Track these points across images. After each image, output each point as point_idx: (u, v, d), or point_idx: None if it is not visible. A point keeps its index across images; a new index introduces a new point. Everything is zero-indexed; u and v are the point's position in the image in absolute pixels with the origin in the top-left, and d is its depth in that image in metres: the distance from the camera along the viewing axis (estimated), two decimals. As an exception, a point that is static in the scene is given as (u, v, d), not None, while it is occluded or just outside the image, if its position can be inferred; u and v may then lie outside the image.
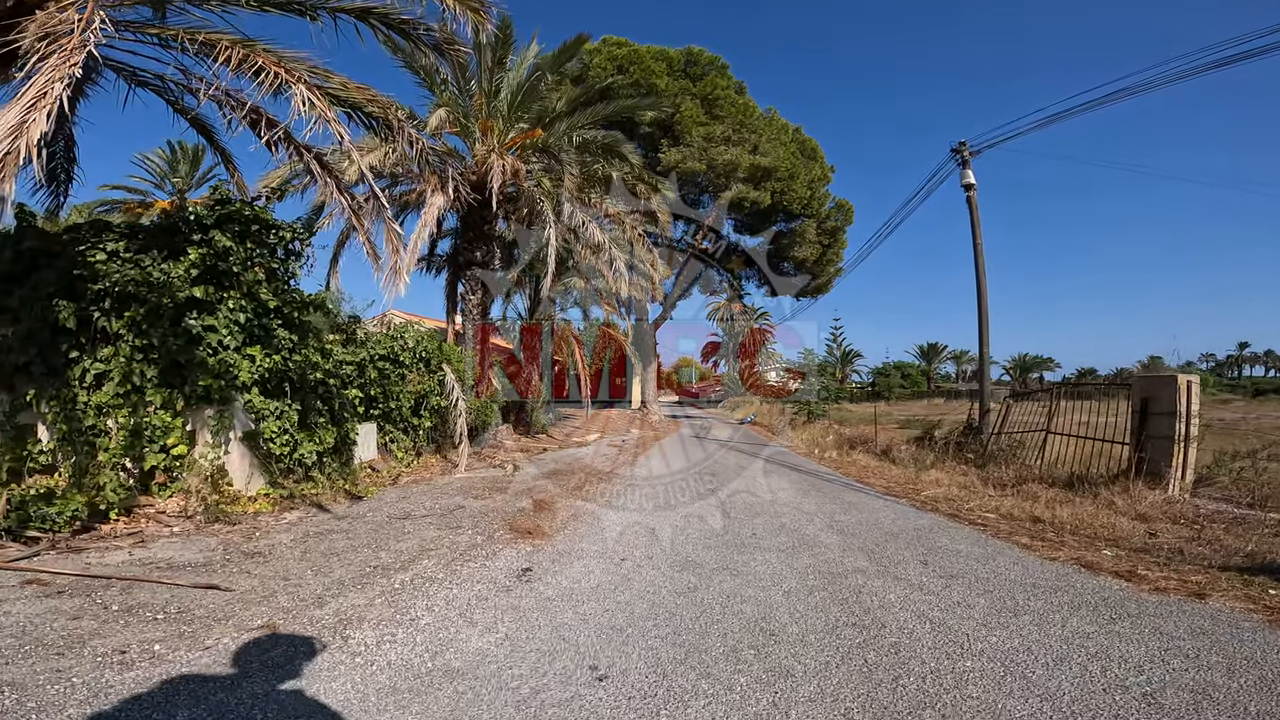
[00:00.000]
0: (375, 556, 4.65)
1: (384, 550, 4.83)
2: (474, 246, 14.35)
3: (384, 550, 4.83)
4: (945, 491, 8.57)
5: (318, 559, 4.56)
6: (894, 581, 4.38)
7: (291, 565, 4.37)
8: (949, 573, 4.63)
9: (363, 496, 7.21)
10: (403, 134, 7.47)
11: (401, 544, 5.02)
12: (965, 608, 3.86)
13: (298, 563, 4.44)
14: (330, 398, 7.88)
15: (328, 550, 4.80)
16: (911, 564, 4.86)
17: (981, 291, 13.78)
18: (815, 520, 6.44)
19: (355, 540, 5.12)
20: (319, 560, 4.52)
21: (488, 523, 5.80)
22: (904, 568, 4.75)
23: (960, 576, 4.54)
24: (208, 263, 6.82)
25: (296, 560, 4.50)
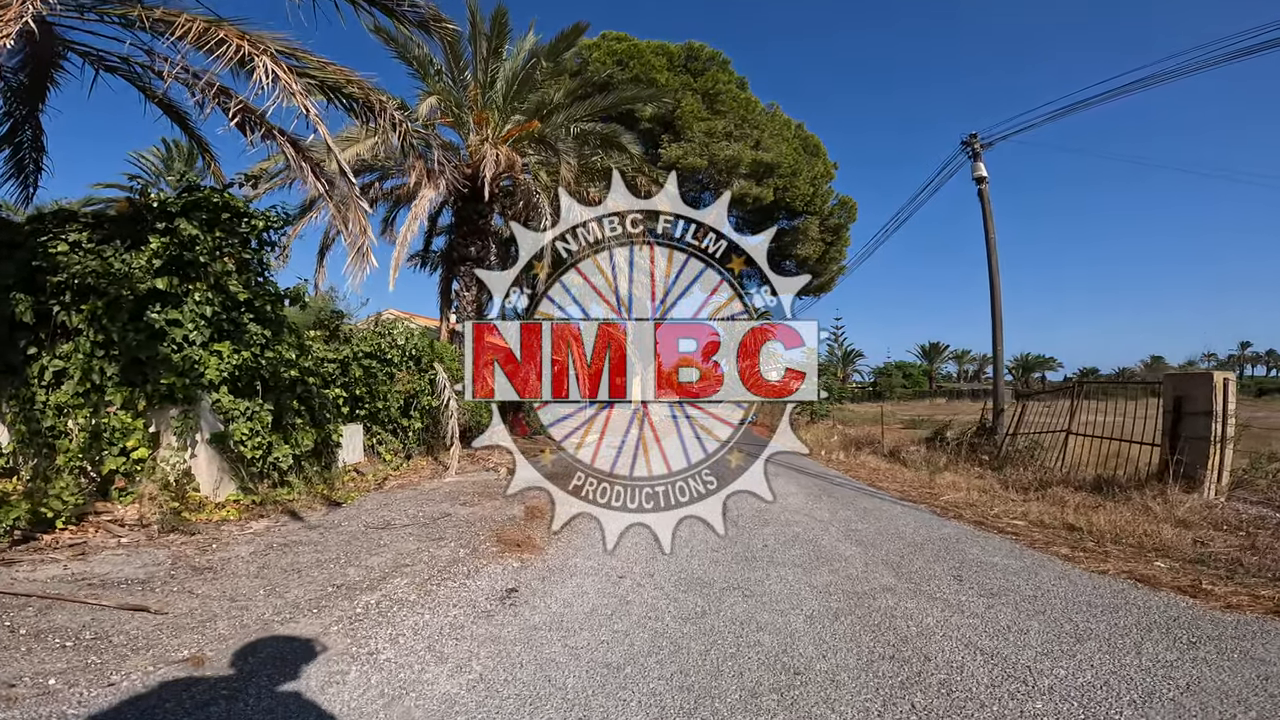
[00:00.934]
0: (342, 573, 4.13)
1: (354, 566, 4.31)
2: (468, 242, 13.85)
3: (354, 566, 4.31)
4: (965, 496, 8.04)
5: (275, 576, 4.04)
6: (929, 602, 3.85)
7: (243, 583, 3.85)
8: (989, 590, 4.11)
9: (342, 503, 6.69)
10: (384, 115, 6.97)
11: (374, 558, 4.49)
12: (1018, 633, 3.34)
13: (251, 580, 3.92)
14: (309, 397, 7.37)
15: (290, 565, 4.28)
16: (945, 580, 4.33)
17: (995, 287, 13.26)
18: (830, 529, 5.92)
19: (323, 553, 4.60)
20: (277, 577, 4.00)
21: (473, 533, 5.27)
22: (937, 584, 4.22)
23: (1003, 594, 4.01)
24: (171, 253, 6.32)
25: (250, 577, 3.98)
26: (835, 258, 28.96)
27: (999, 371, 13.16)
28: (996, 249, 13.48)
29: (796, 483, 9.29)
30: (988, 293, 13.34)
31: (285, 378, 6.62)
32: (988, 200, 13.76)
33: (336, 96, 7.07)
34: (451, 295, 15.04)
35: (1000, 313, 13.20)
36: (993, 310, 13.21)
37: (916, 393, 61.44)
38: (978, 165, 14.06)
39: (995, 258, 13.41)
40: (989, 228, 13.58)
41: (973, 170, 14.13)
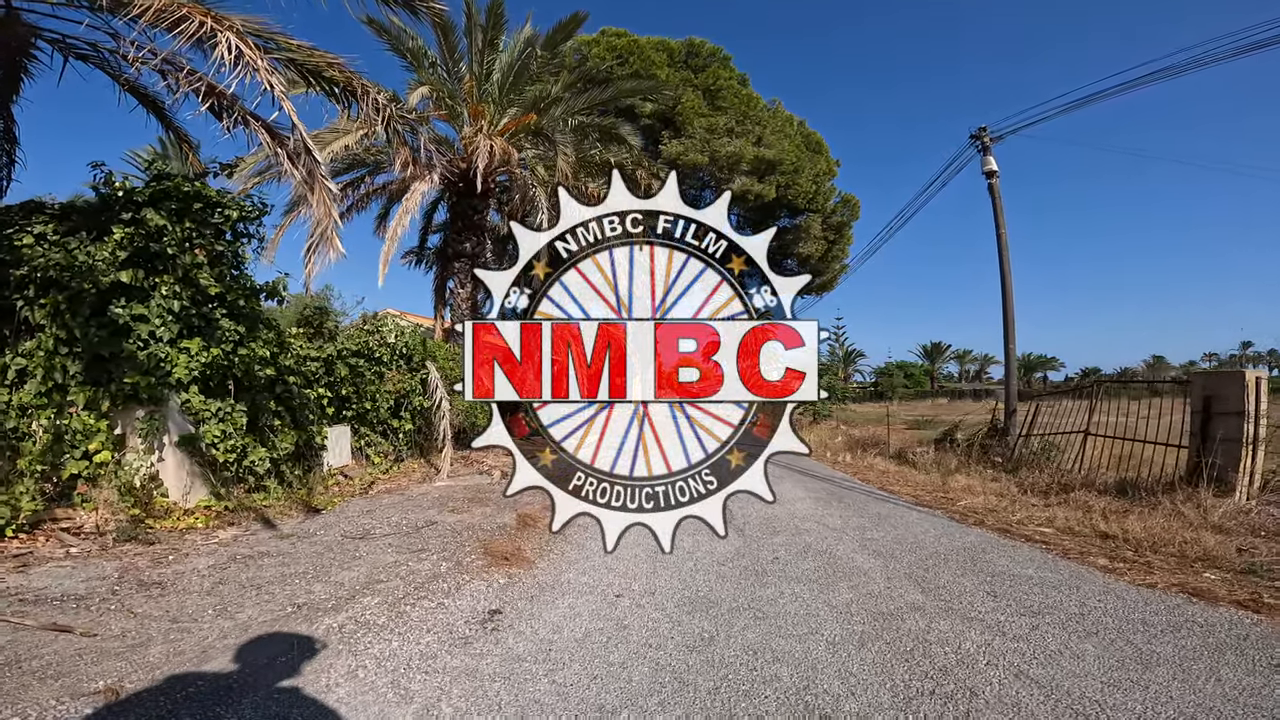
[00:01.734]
0: (307, 590, 3.71)
1: (322, 581, 3.89)
2: (463, 237, 13.44)
3: (322, 581, 3.89)
4: (983, 501, 7.61)
5: (231, 592, 3.62)
6: (964, 622, 3.43)
7: (192, 601, 3.43)
8: (1029, 607, 3.68)
9: (321, 509, 6.27)
10: (367, 99, 6.56)
11: (346, 573, 4.07)
12: (1073, 658, 2.92)
13: (202, 597, 3.50)
14: (290, 398, 6.95)
15: (250, 580, 3.86)
16: (977, 596, 3.91)
17: (1006, 285, 12.84)
18: (845, 538, 5.49)
19: (290, 567, 4.18)
20: (232, 594, 3.58)
21: (459, 544, 4.85)
22: (969, 601, 3.80)
23: (1046, 612, 3.59)
24: (138, 245, 5.91)
25: (202, 594, 3.57)
26: (837, 256, 28.55)
27: (1011, 371, 12.74)
28: (1008, 245, 13.06)
29: (804, 486, 8.86)
30: (995, 290, 12.94)
31: (261, 377, 6.20)
32: (998, 195, 13.34)
33: (317, 80, 6.66)
34: (446, 293, 14.64)
35: (1012, 311, 12.79)
36: (1004, 308, 12.79)
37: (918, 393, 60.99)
38: (987, 159, 13.66)
39: (1006, 254, 13.00)
40: (1000, 223, 13.17)
41: (982, 164, 13.73)
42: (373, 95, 6.64)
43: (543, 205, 11.57)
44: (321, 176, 5.10)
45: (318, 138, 11.03)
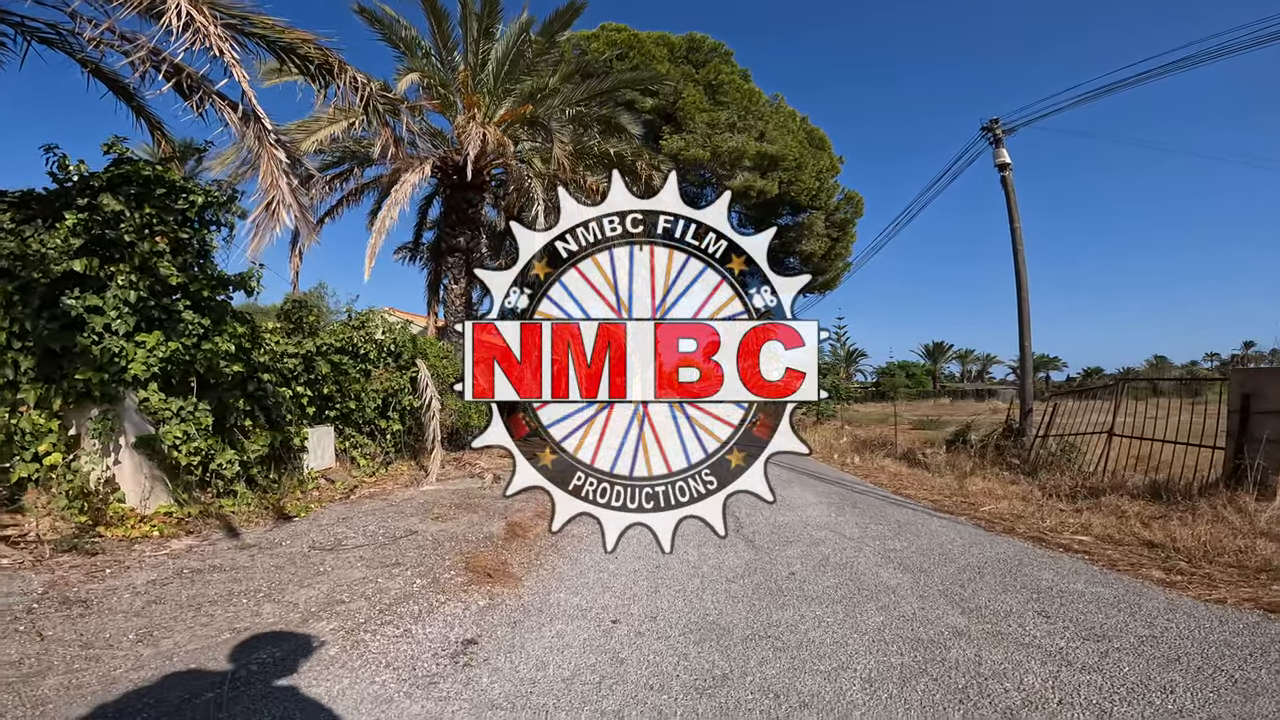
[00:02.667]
0: (254, 612, 3.22)
1: (273, 601, 3.40)
2: (457, 232, 12.97)
3: (273, 601, 3.40)
4: (1008, 506, 7.11)
5: (164, 613, 3.13)
6: (1020, 650, 2.93)
7: (116, 622, 2.95)
8: (1091, 629, 3.19)
9: (294, 516, 5.78)
10: (344, 76, 6.10)
11: (305, 591, 3.58)
12: (1162, 692, 2.44)
13: (130, 618, 3.02)
14: (263, 396, 6.46)
15: (191, 598, 3.37)
16: (1027, 617, 3.41)
17: (1021, 280, 12.35)
18: (865, 549, 4.99)
19: (243, 582, 3.69)
20: (165, 615, 3.10)
21: (438, 558, 4.35)
22: (1020, 624, 3.30)
23: (1112, 636, 3.10)
24: (94, 231, 5.43)
25: (131, 614, 3.09)
26: (840, 254, 28.08)
27: (1027, 370, 12.23)
28: (1023, 240, 12.57)
29: (814, 490, 8.36)
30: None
31: (227, 373, 5.71)
32: (1012, 188, 12.85)
33: (290, 58, 6.20)
34: (440, 289, 14.18)
35: (1027, 308, 12.29)
36: (1019, 305, 12.30)
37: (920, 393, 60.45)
38: (1000, 151, 13.17)
39: (1021, 249, 12.51)
40: (1014, 217, 12.67)
41: (994, 156, 13.23)
42: (350, 73, 6.18)
43: (538, 196, 11.10)
44: (271, 144, 4.61)
45: (302, 126, 10.58)
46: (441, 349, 11.88)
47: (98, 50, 6.52)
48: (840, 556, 4.72)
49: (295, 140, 10.29)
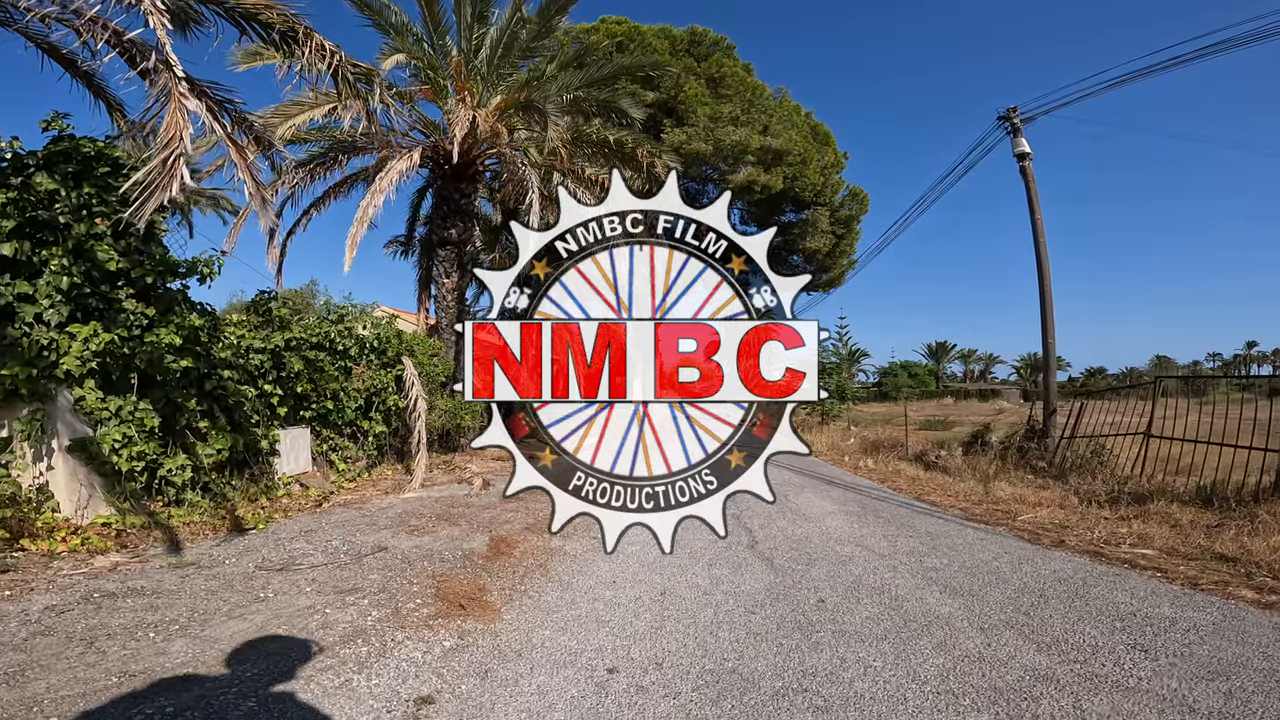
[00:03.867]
0: (159, 650, 2.58)
1: (188, 636, 2.76)
2: (448, 223, 12.33)
3: (188, 636, 2.76)
4: (1048, 515, 6.46)
5: (48, 649, 2.50)
6: (1128, 697, 2.30)
7: (-23, 683, 2.30)
8: (1203, 665, 2.57)
9: (252, 528, 5.14)
10: (310, 44, 5.48)
11: (233, 624, 2.94)
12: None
13: (3, 655, 2.38)
14: (223, 395, 5.82)
15: (88, 630, 2.74)
16: (1121, 652, 2.78)
17: (1044, 273, 11.71)
18: (900, 568, 4.34)
19: (161, 611, 3.05)
20: (48, 652, 2.47)
21: (405, 582, 3.71)
22: (1114, 661, 2.67)
23: (1230, 673, 2.50)
24: (26, 212, 4.81)
25: (9, 649, 2.50)
26: (845, 251, 27.44)
27: (1050, 367, 11.58)
28: (1044, 232, 11.92)
29: (829, 497, 7.72)
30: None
31: (174, 369, 5.07)
32: (1032, 178, 12.20)
33: (250, 25, 5.60)
34: (431, 284, 13.55)
35: (1051, 302, 11.64)
36: (1041, 299, 11.65)
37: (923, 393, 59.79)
38: (1019, 141, 12.53)
39: (1043, 241, 11.86)
40: (1034, 208, 12.03)
41: (1013, 146, 12.59)
42: (316, 40, 5.56)
43: (533, 184, 10.45)
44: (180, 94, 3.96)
45: (278, 111, 9.94)
46: (431, 346, 11.25)
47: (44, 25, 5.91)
48: (874, 578, 4.07)
49: (271, 125, 9.68)
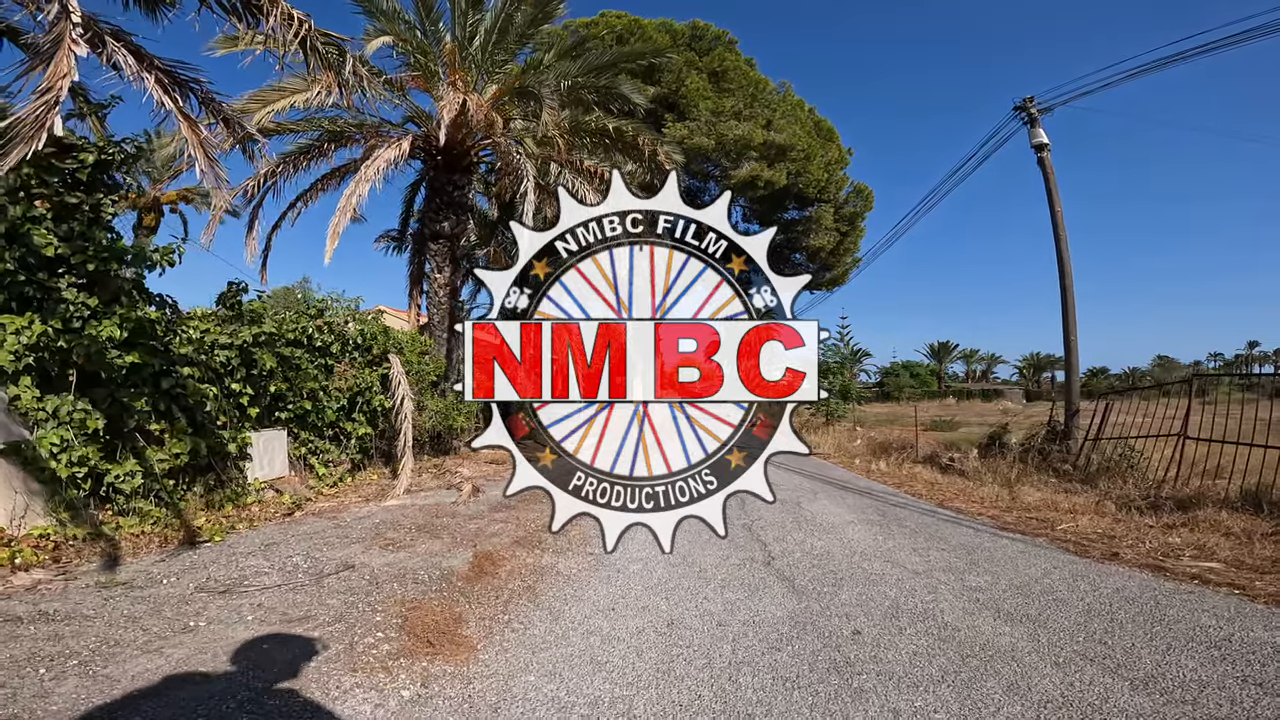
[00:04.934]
0: (40, 693, 2.06)
1: (84, 675, 2.23)
2: (440, 216, 11.81)
3: (84, 675, 2.23)
4: (1089, 524, 5.92)
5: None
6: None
7: None
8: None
9: (206, 540, 4.60)
10: (276, 11, 4.97)
11: (144, 660, 2.40)
12: None
13: None
14: (182, 395, 5.29)
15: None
16: (1235, 689, 2.26)
17: (1065, 267, 11.16)
18: (941, 588, 3.80)
19: (64, 641, 2.52)
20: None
21: (368, 608, 3.17)
22: (1229, 700, 2.15)
23: None
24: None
25: None
26: (849, 249, 26.91)
27: (1073, 365, 11.02)
28: (1064, 225, 11.38)
29: (846, 504, 7.17)
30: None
31: (118, 365, 4.53)
32: (1051, 170, 11.66)
33: (213, 0, 5.10)
34: (423, 279, 13.03)
35: (1072, 298, 11.09)
36: (1063, 295, 11.09)
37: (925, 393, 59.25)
38: (1036, 131, 11.97)
39: (1064, 233, 11.31)
40: (1054, 200, 11.48)
41: (1030, 137, 12.03)
42: (284, 8, 5.06)
43: (529, 173, 9.93)
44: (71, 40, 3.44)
45: (256, 97, 9.41)
46: (421, 343, 10.72)
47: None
48: (913, 601, 3.52)
49: (247, 111, 9.15)
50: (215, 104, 6.47)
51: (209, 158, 4.53)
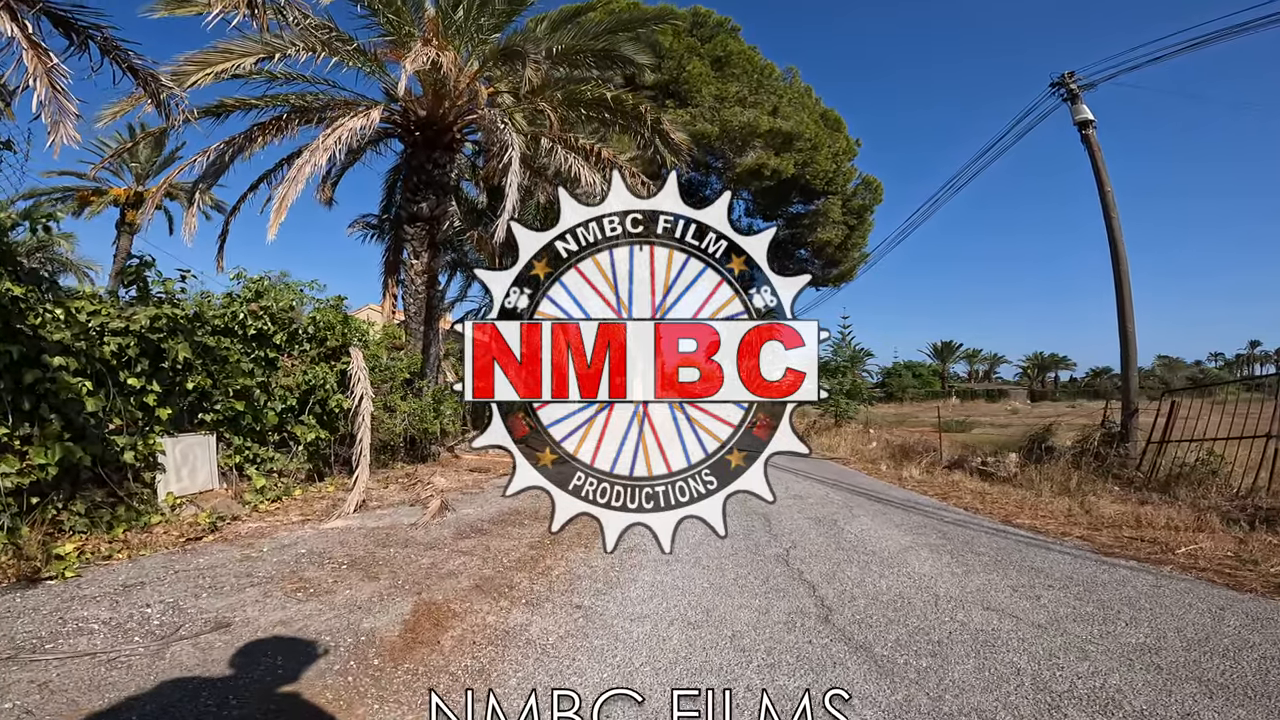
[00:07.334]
0: None
1: None
2: (419, 197, 10.60)
3: None
4: (1211, 545, 4.68)
5: None
6: None
7: None
8: None
9: (53, 576, 3.35)
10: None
11: None
12: None
13: None
14: (51, 393, 4.06)
15: None
16: None
17: (1119, 252, 9.96)
18: (1091, 650, 2.56)
19: None
20: None
21: (201, 715, 1.93)
22: None
23: None
24: None
25: None
26: (857, 244, 25.71)
27: (1130, 360, 9.77)
28: (1116, 205, 10.17)
29: (891, 521, 5.93)
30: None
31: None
32: (1097, 147, 10.46)
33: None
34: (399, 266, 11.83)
35: (1128, 285, 9.88)
36: (1117, 282, 9.88)
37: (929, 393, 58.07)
38: (1079, 107, 10.78)
39: (1115, 215, 10.13)
40: (1103, 180, 10.28)
41: (1073, 114, 10.85)
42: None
43: (514, 143, 8.73)
44: None
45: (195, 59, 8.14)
46: (391, 335, 9.49)
47: None
48: (1065, 676, 2.29)
49: (184, 74, 7.94)
50: (119, 51, 5.29)
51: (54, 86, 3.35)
